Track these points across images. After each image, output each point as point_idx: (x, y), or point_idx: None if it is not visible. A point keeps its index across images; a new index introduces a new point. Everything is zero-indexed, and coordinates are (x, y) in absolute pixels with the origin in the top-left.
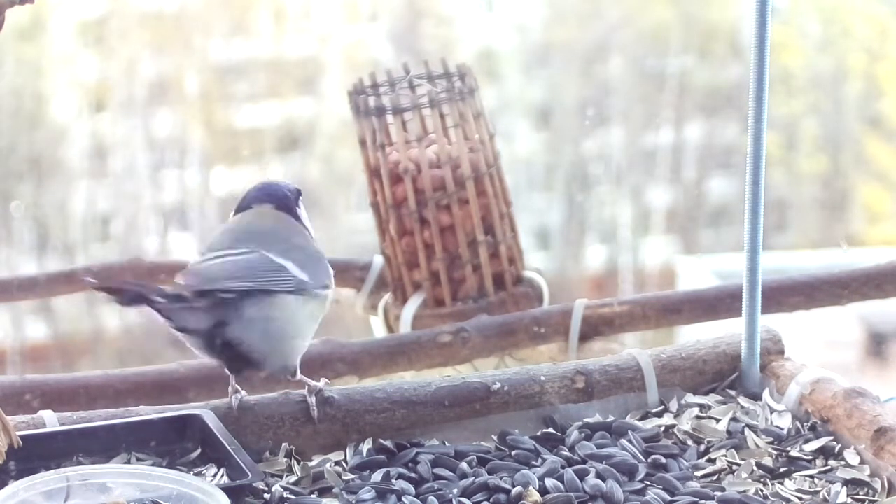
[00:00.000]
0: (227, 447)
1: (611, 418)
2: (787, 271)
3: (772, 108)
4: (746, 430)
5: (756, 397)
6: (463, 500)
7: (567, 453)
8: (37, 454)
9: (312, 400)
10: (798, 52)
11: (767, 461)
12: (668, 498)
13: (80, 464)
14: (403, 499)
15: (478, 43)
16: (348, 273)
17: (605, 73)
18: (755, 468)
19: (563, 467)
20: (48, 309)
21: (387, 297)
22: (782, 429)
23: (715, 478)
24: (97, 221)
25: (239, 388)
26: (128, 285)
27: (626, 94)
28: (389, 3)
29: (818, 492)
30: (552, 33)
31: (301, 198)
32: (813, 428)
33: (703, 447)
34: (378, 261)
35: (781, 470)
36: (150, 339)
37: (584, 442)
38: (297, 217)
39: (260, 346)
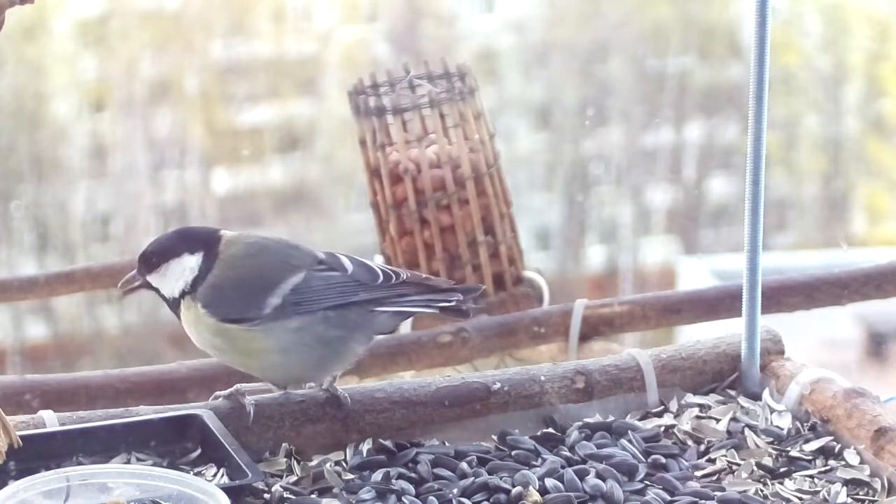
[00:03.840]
0: (227, 447)
1: (611, 418)
2: (787, 271)
3: (772, 108)
4: (746, 430)
5: (756, 397)
6: (463, 500)
7: (567, 453)
8: (37, 454)
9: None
10: (798, 52)
11: (767, 461)
12: (668, 498)
13: (80, 464)
14: (403, 499)
15: (478, 43)
16: None
17: (605, 73)
18: (755, 468)
19: (563, 467)
20: (48, 309)
21: None
22: (782, 429)
23: (715, 478)
24: (97, 221)
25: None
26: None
27: (626, 94)
28: (389, 3)
29: (818, 492)
30: (552, 33)
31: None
32: (813, 428)
33: (703, 447)
34: (378, 261)
35: (781, 470)
36: (150, 339)
37: (584, 442)
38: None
39: None
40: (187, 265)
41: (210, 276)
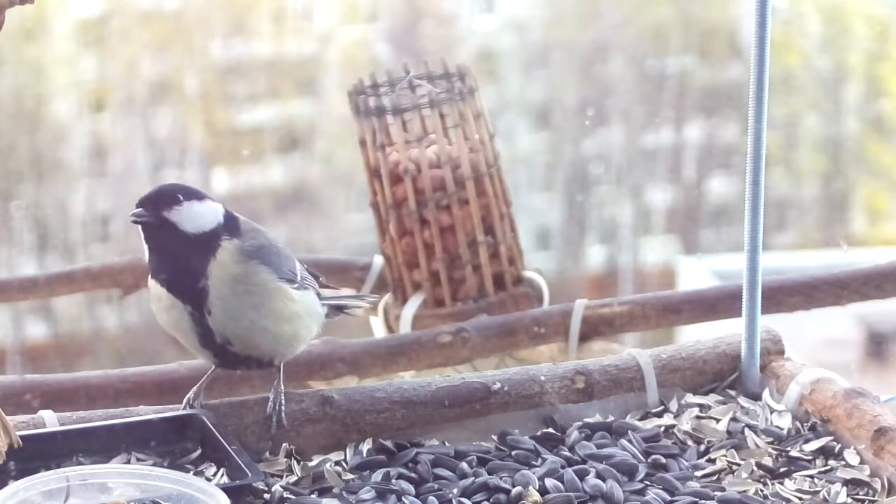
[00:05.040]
0: (227, 447)
1: (611, 418)
2: (787, 271)
3: (772, 108)
4: (746, 430)
5: (756, 397)
6: (463, 500)
7: (567, 453)
8: (37, 454)
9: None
10: (798, 52)
11: (767, 461)
12: (668, 498)
13: (80, 464)
14: (403, 499)
15: (478, 43)
16: (348, 273)
17: (605, 73)
18: (755, 468)
19: (563, 467)
20: (48, 309)
21: (387, 297)
22: (782, 429)
23: (715, 478)
24: (97, 221)
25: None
26: None
27: (626, 94)
28: (389, 3)
29: (818, 492)
30: (552, 33)
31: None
32: (813, 428)
33: (703, 447)
34: (378, 261)
35: (781, 470)
36: (150, 339)
37: (584, 442)
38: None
39: None
40: (213, 209)
41: (248, 236)
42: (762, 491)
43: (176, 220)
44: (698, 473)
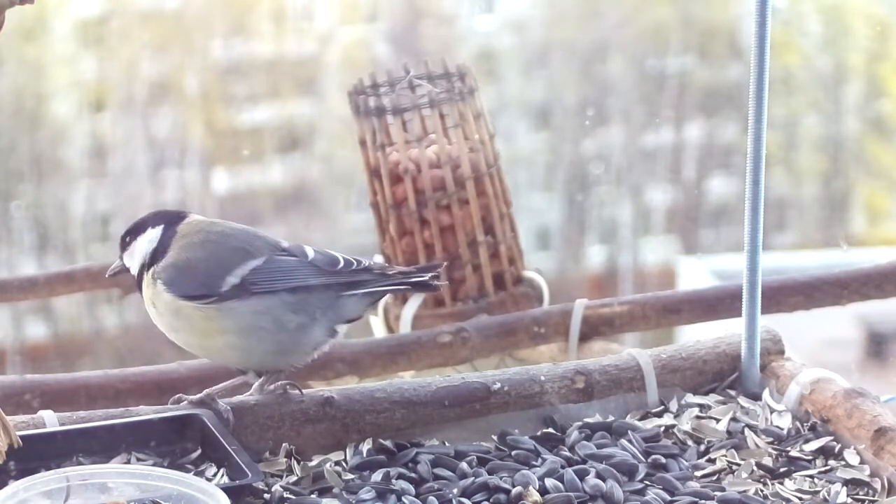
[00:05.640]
0: (227, 447)
1: (611, 418)
2: (787, 271)
3: (772, 108)
4: (746, 430)
5: (756, 397)
6: (463, 500)
7: (567, 453)
8: (37, 454)
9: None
10: (798, 52)
11: (767, 461)
12: (668, 498)
13: (80, 464)
14: (403, 499)
15: (478, 43)
16: None
17: (605, 73)
18: (755, 468)
19: (563, 467)
20: (48, 309)
21: (387, 297)
22: (782, 429)
23: (715, 478)
24: (97, 221)
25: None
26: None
27: (626, 94)
28: (389, 3)
29: (818, 492)
30: (552, 33)
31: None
32: (813, 428)
33: (703, 447)
34: (378, 261)
35: (781, 470)
36: (150, 339)
37: (584, 442)
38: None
39: None
40: (148, 238)
41: (169, 255)
42: (762, 491)
43: (128, 264)
44: (698, 473)
